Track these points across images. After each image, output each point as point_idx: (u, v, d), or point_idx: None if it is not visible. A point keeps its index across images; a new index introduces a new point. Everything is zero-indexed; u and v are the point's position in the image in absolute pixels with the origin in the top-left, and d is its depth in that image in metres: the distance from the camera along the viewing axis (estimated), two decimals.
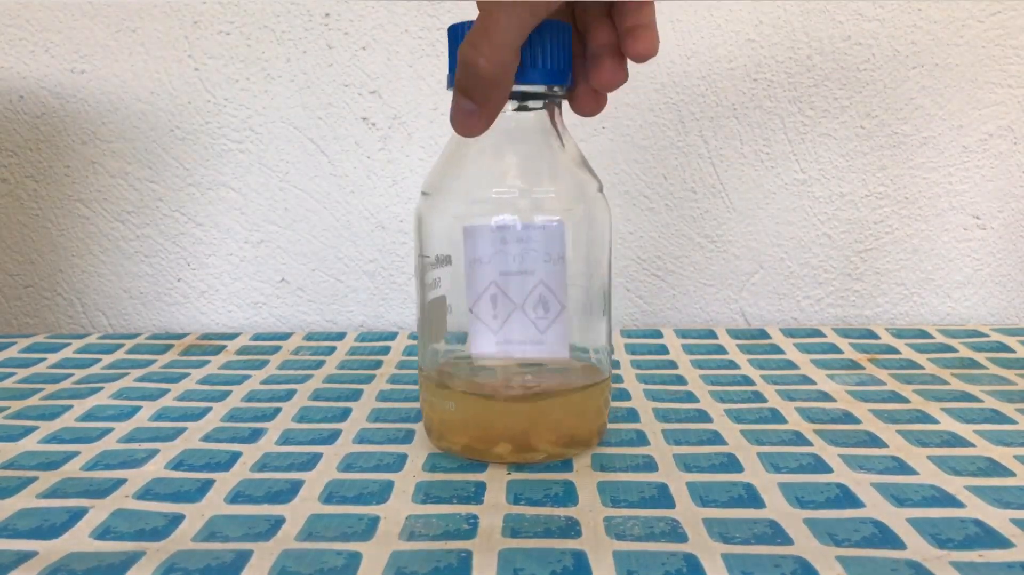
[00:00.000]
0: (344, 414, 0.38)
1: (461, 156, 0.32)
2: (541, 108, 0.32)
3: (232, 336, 0.51)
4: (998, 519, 0.27)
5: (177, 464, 0.33)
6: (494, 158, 0.32)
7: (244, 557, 0.25)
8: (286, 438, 0.35)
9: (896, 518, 0.27)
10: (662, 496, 0.29)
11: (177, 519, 0.28)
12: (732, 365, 0.44)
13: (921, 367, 0.44)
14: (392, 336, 0.51)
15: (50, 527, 0.27)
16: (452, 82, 0.30)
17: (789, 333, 0.50)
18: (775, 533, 0.26)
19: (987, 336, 0.49)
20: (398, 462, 0.33)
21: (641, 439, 0.34)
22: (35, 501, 0.29)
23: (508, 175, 0.32)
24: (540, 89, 0.31)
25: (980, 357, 0.45)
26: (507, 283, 0.31)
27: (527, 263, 0.31)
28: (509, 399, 0.32)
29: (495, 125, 0.30)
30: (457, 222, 0.32)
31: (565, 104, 0.33)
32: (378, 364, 0.45)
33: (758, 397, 0.39)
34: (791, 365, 0.44)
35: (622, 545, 0.26)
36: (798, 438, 0.34)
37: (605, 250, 0.33)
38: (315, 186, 0.55)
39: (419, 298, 0.34)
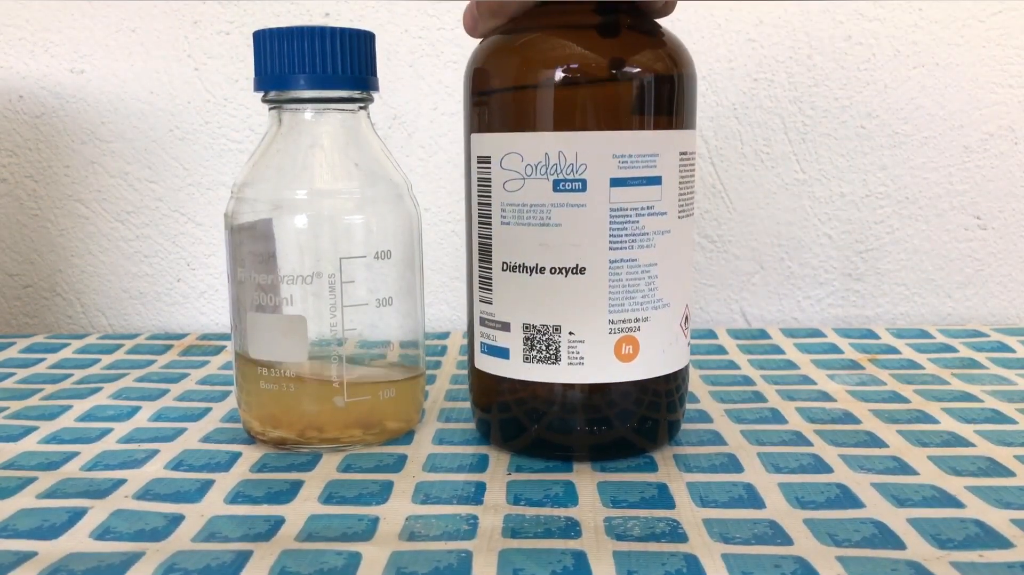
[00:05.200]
0: None
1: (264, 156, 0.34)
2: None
3: (232, 336, 0.51)
4: (998, 519, 0.27)
5: (177, 464, 0.33)
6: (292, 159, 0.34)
7: (244, 557, 0.25)
8: None
9: (896, 518, 0.27)
10: (662, 496, 0.29)
11: (177, 519, 0.28)
12: (732, 365, 0.44)
13: (921, 367, 0.44)
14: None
15: (50, 527, 0.27)
16: (258, 86, 0.33)
17: (789, 333, 0.50)
18: (775, 533, 0.26)
19: (987, 336, 0.49)
20: (398, 462, 0.33)
21: None
22: (35, 501, 0.29)
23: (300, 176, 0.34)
24: (347, 94, 0.33)
25: (980, 357, 0.45)
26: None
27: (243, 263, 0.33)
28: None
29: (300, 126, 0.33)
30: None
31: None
32: None
33: (758, 397, 0.39)
34: (791, 365, 0.44)
35: (622, 545, 0.26)
36: (798, 438, 0.34)
37: (409, 249, 0.35)
38: None
39: None
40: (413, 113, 0.54)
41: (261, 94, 0.33)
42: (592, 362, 0.31)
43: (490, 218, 0.31)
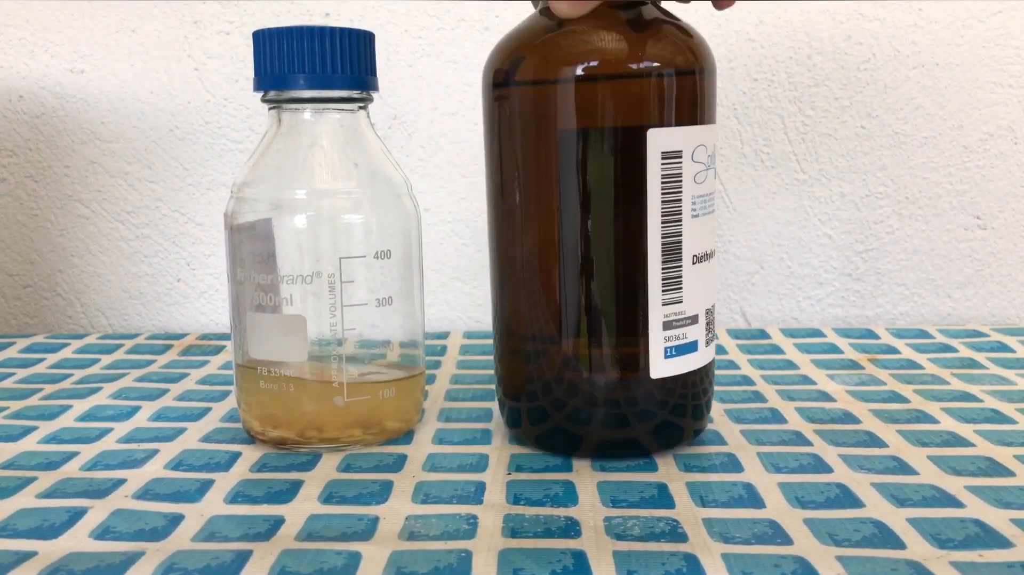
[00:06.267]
0: None
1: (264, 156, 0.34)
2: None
3: (231, 336, 0.51)
4: (998, 519, 0.27)
5: (177, 464, 0.33)
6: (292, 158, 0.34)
7: (244, 557, 0.25)
8: None
9: (896, 518, 0.27)
10: (662, 496, 0.29)
11: (177, 519, 0.28)
12: (732, 365, 0.44)
13: (921, 367, 0.44)
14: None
15: (49, 527, 0.27)
16: (257, 86, 0.33)
17: (789, 333, 0.50)
18: (775, 533, 0.26)
19: (987, 336, 0.49)
20: (398, 462, 0.33)
21: None
22: (35, 501, 0.29)
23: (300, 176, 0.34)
24: (346, 94, 0.33)
25: (980, 357, 0.45)
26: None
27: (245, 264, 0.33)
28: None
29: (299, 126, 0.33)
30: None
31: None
32: None
33: (758, 397, 0.39)
34: (791, 365, 0.44)
35: (622, 545, 0.26)
36: (798, 438, 0.34)
37: (407, 248, 0.35)
38: None
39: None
40: (413, 113, 0.54)
41: (261, 94, 0.33)
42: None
43: (680, 214, 0.31)
